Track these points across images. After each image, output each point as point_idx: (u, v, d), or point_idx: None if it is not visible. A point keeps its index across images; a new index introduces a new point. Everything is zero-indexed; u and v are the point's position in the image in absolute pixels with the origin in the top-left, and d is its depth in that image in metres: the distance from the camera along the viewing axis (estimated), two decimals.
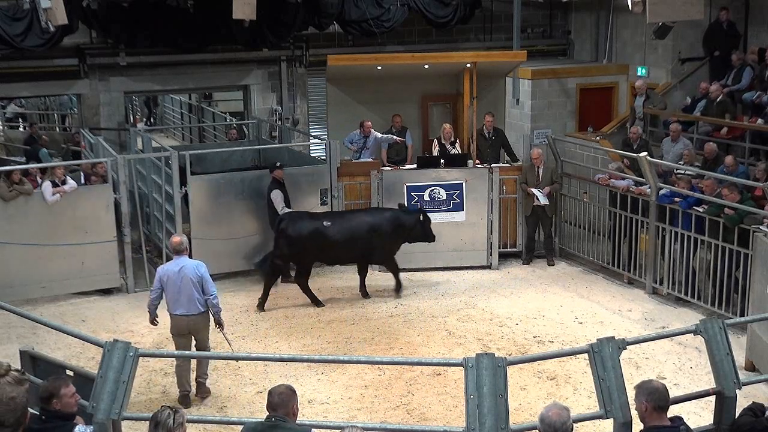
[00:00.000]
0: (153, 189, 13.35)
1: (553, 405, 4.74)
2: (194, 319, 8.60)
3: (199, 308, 8.59)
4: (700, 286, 10.95)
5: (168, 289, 8.58)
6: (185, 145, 20.84)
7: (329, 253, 11.69)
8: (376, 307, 11.40)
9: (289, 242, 11.43)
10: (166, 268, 8.74)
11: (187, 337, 8.71)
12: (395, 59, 14.25)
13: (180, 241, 8.77)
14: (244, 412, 8.36)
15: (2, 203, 11.29)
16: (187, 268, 8.57)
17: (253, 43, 15.42)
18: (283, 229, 11.44)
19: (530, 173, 12.96)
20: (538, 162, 12.90)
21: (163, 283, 8.62)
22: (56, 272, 11.59)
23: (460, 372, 5.28)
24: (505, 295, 11.85)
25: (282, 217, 11.61)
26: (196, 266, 8.64)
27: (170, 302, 8.61)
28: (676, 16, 12.93)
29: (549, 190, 12.87)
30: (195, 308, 8.57)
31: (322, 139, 14.75)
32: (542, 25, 18.11)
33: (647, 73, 16.07)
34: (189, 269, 8.56)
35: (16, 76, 15.02)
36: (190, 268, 8.58)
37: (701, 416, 7.30)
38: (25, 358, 6.29)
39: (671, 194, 11.41)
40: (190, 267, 8.59)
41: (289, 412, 4.96)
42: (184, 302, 8.54)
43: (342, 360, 8.40)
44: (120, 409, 5.21)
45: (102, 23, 14.61)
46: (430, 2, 15.92)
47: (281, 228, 11.47)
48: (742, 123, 13.49)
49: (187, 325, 8.63)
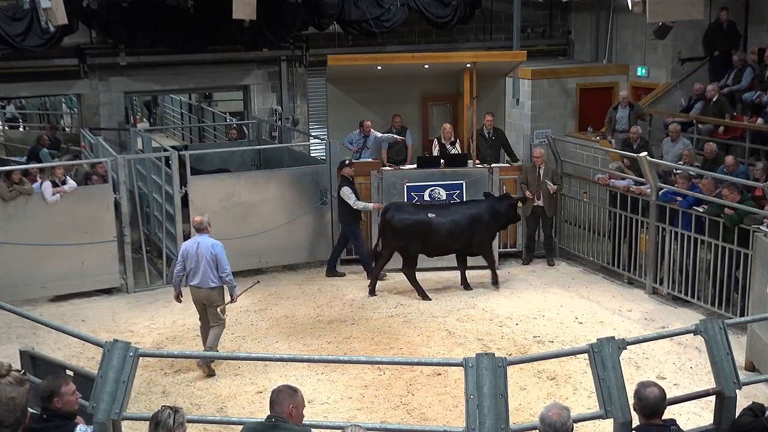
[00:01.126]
0: (153, 189, 13.36)
1: (553, 405, 4.74)
2: (206, 292, 9.44)
3: (209, 283, 9.38)
4: (700, 286, 10.96)
5: (187, 262, 9.45)
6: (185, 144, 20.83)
7: (432, 244, 11.79)
8: (376, 307, 11.40)
9: (394, 232, 11.63)
10: (187, 243, 9.65)
11: (203, 306, 9.60)
12: (395, 59, 14.25)
13: (200, 220, 9.54)
14: (244, 412, 8.36)
15: (2, 203, 11.29)
16: (203, 246, 9.37)
17: (253, 43, 15.42)
18: (389, 219, 11.64)
19: (531, 173, 12.95)
20: (539, 162, 12.90)
21: (184, 257, 9.46)
22: (56, 272, 11.58)
23: (460, 372, 5.28)
24: (505, 295, 11.85)
25: (387, 207, 11.89)
26: (212, 245, 9.39)
27: (189, 274, 9.51)
28: (676, 16, 12.93)
29: (556, 188, 12.89)
30: (206, 282, 9.39)
31: (322, 139, 14.75)
32: (542, 25, 18.11)
33: (647, 73, 16.08)
34: (204, 247, 9.36)
35: (16, 76, 15.02)
36: (206, 246, 9.36)
37: (701, 416, 7.32)
38: (25, 358, 6.30)
39: (672, 193, 11.42)
40: (206, 245, 9.37)
41: (286, 411, 4.86)
42: (198, 275, 9.39)
43: (342, 360, 8.41)
44: (120, 409, 5.21)
45: (102, 23, 14.61)
46: (430, 2, 15.91)
47: (387, 218, 11.68)
48: (741, 123, 13.50)
49: (199, 296, 9.51)
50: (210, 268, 9.32)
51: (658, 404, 4.97)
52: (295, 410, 4.91)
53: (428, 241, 11.71)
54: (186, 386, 9.09)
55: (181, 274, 9.54)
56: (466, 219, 11.75)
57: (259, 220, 12.50)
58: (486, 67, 13.65)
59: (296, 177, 12.91)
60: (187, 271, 9.46)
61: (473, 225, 11.76)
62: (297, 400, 4.93)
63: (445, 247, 11.93)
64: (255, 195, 12.50)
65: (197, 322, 10.88)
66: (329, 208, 12.89)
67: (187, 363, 9.44)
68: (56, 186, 11.59)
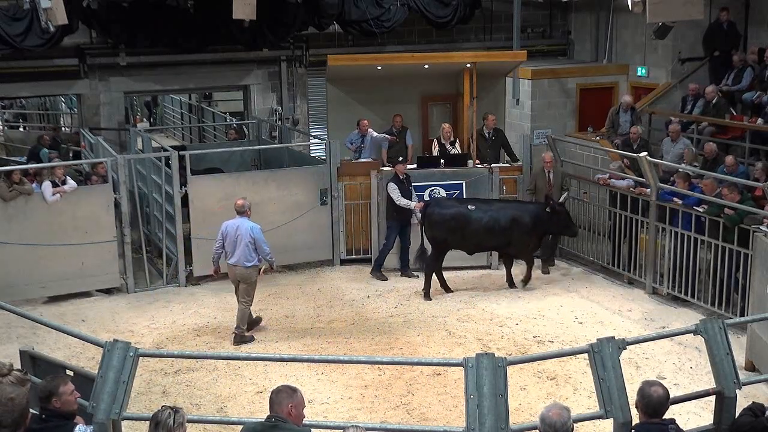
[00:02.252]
0: (153, 189, 13.36)
1: (553, 405, 4.74)
2: (241, 270, 10.21)
3: (245, 263, 10.15)
4: (700, 286, 10.95)
5: (226, 241, 10.20)
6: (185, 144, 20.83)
7: (469, 238, 11.84)
8: (376, 307, 11.40)
9: (431, 224, 11.77)
10: (227, 223, 10.28)
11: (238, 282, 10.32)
12: (395, 59, 14.24)
13: (242, 204, 10.28)
14: (244, 412, 8.35)
15: (2, 203, 11.29)
16: (242, 228, 10.13)
17: (253, 43, 15.41)
18: (429, 214, 11.80)
19: (541, 178, 12.89)
20: (549, 166, 12.83)
21: (223, 236, 10.20)
22: (56, 272, 11.58)
23: (460, 372, 5.28)
24: (505, 295, 11.85)
25: (428, 202, 12.09)
26: (251, 228, 10.14)
27: (227, 252, 10.24)
28: (676, 16, 12.93)
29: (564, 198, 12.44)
30: (242, 262, 10.16)
31: (322, 139, 14.75)
32: (542, 25, 18.10)
33: (647, 73, 16.08)
34: (243, 230, 10.12)
35: (16, 76, 15.01)
36: (245, 229, 10.12)
37: (701, 416, 7.31)
38: (25, 358, 6.29)
39: (671, 193, 11.42)
40: (245, 228, 10.13)
41: (285, 411, 4.85)
42: (236, 254, 10.16)
43: (342, 360, 8.40)
44: (120, 409, 5.20)
45: (102, 23, 14.61)
46: (430, 2, 15.90)
47: (427, 212, 11.83)
48: (741, 123, 13.49)
49: (235, 274, 10.26)
50: (248, 249, 10.07)
51: (661, 404, 4.97)
52: (295, 410, 4.90)
53: (465, 234, 11.75)
54: (186, 386, 9.08)
55: (219, 252, 10.29)
56: (506, 218, 11.78)
57: (259, 220, 12.42)
58: (486, 67, 13.65)
59: (296, 177, 12.91)
60: (226, 249, 10.19)
61: (513, 225, 11.78)
62: (296, 399, 4.92)
63: (482, 243, 11.99)
64: (255, 195, 12.46)
65: (197, 322, 10.94)
66: (329, 208, 12.89)
67: (187, 363, 9.42)
68: (56, 186, 11.60)
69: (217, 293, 11.91)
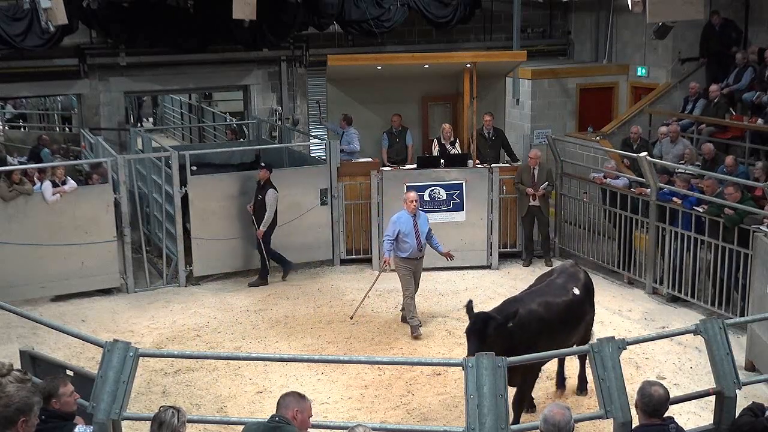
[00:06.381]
0: (153, 189, 13.36)
1: (554, 405, 4.75)
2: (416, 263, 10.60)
3: (418, 253, 10.54)
4: (700, 286, 10.96)
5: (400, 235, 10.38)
6: (185, 145, 20.84)
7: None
8: (376, 307, 11.40)
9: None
10: (401, 217, 10.45)
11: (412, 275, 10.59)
12: (395, 59, 14.24)
13: (414, 198, 10.58)
14: (244, 412, 8.35)
15: (2, 203, 11.29)
16: (421, 218, 10.53)
17: (253, 43, 15.42)
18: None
19: (526, 173, 12.94)
20: (533, 162, 12.88)
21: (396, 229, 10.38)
22: (56, 272, 11.57)
23: (460, 372, 5.28)
24: (505, 295, 11.79)
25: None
26: (426, 219, 10.63)
27: (400, 247, 10.43)
28: (676, 16, 12.94)
29: (542, 191, 12.74)
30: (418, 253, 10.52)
31: (322, 139, 14.75)
32: (542, 25, 18.12)
33: (647, 73, 16.09)
34: (422, 221, 10.52)
35: (16, 76, 15.02)
36: (423, 218, 10.57)
37: (701, 416, 7.32)
38: (25, 358, 6.29)
39: (671, 193, 11.42)
40: (423, 219, 10.56)
41: (290, 413, 4.87)
42: (414, 246, 10.43)
43: (342, 360, 8.40)
44: (120, 409, 5.21)
45: (102, 23, 14.62)
46: (430, 2, 15.92)
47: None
48: (741, 123, 13.49)
49: (414, 266, 10.56)
50: (423, 239, 10.49)
51: (661, 404, 4.97)
52: (300, 414, 4.91)
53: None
54: (186, 386, 9.08)
55: (389, 247, 10.44)
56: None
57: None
58: (486, 67, 13.64)
59: (296, 177, 12.90)
60: (399, 245, 10.40)
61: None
62: (303, 405, 4.95)
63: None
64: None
65: (197, 322, 10.94)
66: (329, 208, 12.89)
67: (187, 363, 9.42)
68: (56, 186, 11.60)
69: (217, 293, 11.92)
